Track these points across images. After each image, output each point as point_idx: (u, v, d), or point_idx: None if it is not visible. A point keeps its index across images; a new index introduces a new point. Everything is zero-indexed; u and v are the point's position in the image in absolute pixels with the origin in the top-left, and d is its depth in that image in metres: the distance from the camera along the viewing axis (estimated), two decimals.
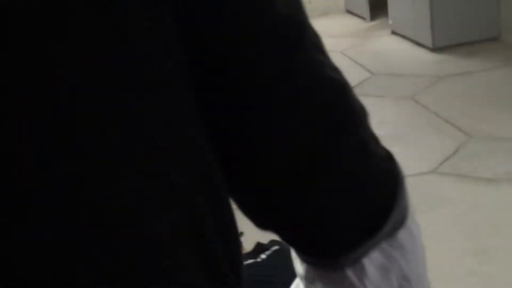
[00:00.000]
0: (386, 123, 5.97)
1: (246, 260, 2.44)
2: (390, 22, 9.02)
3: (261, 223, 0.79)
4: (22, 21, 0.58)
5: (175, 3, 0.64)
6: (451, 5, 7.88)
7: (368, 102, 5.20)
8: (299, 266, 0.82)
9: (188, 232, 0.69)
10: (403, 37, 8.68)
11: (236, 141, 0.71)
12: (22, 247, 0.61)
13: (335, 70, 0.76)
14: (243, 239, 0.96)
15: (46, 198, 0.61)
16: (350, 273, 0.75)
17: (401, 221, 0.78)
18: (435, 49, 7.96)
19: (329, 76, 0.73)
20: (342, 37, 9.27)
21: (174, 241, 0.68)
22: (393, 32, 8.96)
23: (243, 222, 0.81)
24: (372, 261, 0.75)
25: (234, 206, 0.76)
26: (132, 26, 0.62)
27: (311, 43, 0.73)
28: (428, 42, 8.02)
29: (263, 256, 2.49)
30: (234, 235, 0.76)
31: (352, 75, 7.61)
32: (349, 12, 10.51)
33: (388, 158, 0.79)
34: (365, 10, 9.89)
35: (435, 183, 5.01)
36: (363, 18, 10.00)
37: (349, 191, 0.74)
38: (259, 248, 2.57)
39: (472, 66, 7.34)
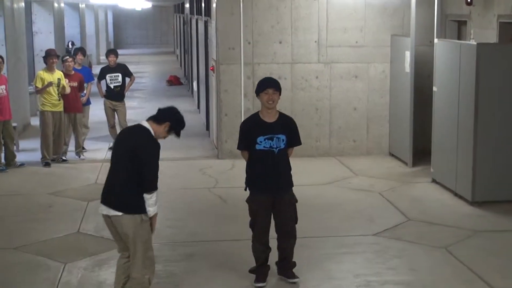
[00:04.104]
0: (416, 270, 5.84)
1: None
2: (432, 170, 9.05)
3: None
4: None
5: None
6: (494, 162, 7.90)
7: (400, 246, 5.16)
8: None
9: None
10: (443, 186, 8.68)
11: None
12: None
13: None
14: None
15: None
16: None
17: None
18: (474, 202, 7.91)
19: None
20: (382, 179, 9.31)
21: None
22: (434, 181, 8.97)
23: None
24: None
25: None
26: None
27: None
28: (468, 195, 8.00)
29: None
30: None
31: (387, 217, 7.57)
32: (392, 155, 10.61)
33: None
34: (408, 155, 9.97)
35: None
36: (405, 163, 10.07)
37: None
38: None
39: (510, 224, 7.26)
